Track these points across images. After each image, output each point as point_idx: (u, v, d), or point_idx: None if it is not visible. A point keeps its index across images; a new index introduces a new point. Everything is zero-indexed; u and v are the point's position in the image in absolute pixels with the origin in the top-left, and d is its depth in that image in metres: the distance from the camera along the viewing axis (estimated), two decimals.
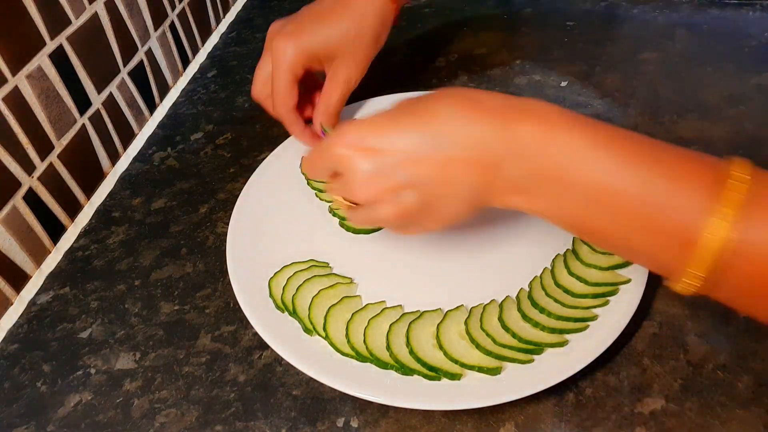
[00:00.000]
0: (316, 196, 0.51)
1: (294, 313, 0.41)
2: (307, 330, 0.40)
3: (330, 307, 0.41)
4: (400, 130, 0.34)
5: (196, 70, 0.70)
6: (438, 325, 0.40)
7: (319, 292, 0.42)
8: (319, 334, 0.40)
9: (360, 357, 0.38)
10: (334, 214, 0.49)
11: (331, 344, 0.39)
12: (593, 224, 0.33)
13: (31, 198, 0.48)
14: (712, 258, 0.28)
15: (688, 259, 0.29)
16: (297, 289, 0.42)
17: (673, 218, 0.30)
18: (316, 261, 0.45)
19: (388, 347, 0.39)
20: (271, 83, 0.51)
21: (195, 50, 0.70)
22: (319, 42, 0.49)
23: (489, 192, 0.34)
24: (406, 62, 0.64)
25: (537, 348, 0.38)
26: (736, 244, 0.28)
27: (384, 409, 0.38)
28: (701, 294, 0.31)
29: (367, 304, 0.42)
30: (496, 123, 0.33)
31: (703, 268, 0.29)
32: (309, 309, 0.41)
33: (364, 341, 0.39)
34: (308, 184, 0.52)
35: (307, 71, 0.51)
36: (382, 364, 0.38)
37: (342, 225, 0.48)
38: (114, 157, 0.57)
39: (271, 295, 0.43)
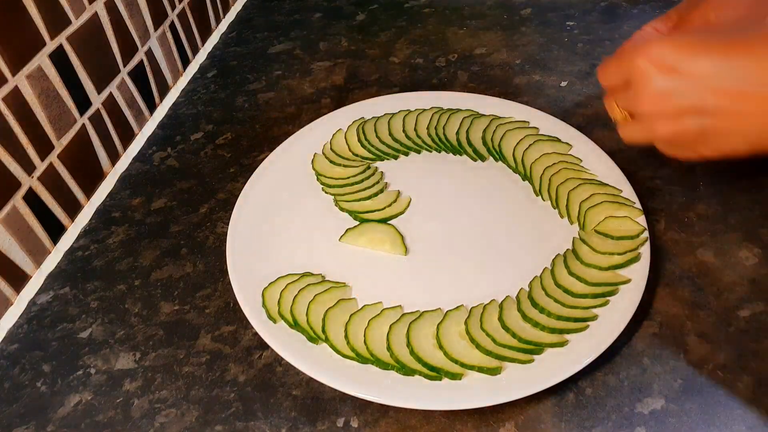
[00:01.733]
0: (323, 190, 0.51)
1: (296, 325, 0.41)
2: (311, 339, 0.40)
3: (327, 311, 0.41)
4: (704, 54, 0.34)
5: (196, 70, 0.70)
6: (438, 325, 0.40)
7: (314, 297, 0.42)
8: (325, 342, 0.40)
9: (361, 359, 0.39)
10: (341, 208, 0.49)
11: (332, 347, 0.39)
12: None
13: (31, 198, 0.47)
14: None
15: None
16: (293, 300, 0.42)
17: None
18: (312, 273, 0.44)
19: (389, 348, 0.39)
20: None
21: (195, 50, 0.70)
22: None
23: None
24: (406, 62, 0.64)
25: (537, 348, 0.38)
26: None
27: (384, 409, 0.38)
28: None
29: (364, 306, 0.42)
30: None
31: None
32: (306, 314, 0.41)
33: (365, 342, 0.39)
34: (317, 179, 0.52)
35: None
36: (383, 365, 0.38)
37: (350, 214, 0.48)
38: (114, 157, 0.57)
39: (264, 304, 0.42)
